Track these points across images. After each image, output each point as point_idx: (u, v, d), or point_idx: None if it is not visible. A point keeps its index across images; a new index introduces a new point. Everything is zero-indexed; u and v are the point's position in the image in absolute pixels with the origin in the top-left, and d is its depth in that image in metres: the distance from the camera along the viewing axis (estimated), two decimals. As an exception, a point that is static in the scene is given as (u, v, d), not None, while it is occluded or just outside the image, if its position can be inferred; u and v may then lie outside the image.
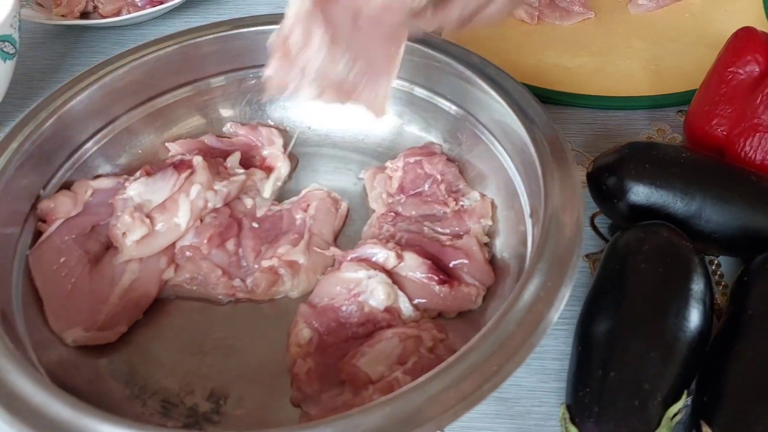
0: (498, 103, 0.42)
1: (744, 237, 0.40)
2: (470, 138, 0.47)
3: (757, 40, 0.45)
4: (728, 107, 0.45)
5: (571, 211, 0.36)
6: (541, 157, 0.38)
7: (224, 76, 0.49)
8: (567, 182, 0.37)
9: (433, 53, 0.46)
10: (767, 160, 0.43)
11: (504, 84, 0.43)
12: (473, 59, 0.45)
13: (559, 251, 0.34)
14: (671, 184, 0.41)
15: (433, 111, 0.48)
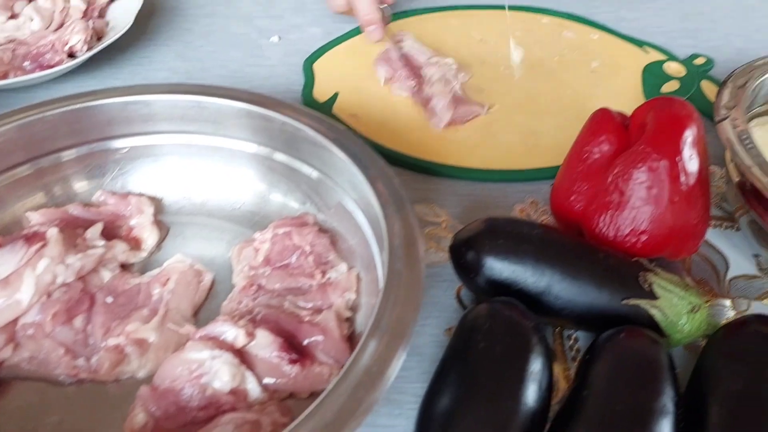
0: (354, 171, 0.43)
1: (592, 313, 0.41)
2: (336, 204, 0.47)
3: (611, 121, 0.47)
4: (585, 184, 0.47)
5: (413, 282, 0.36)
6: (390, 231, 0.38)
7: (80, 148, 0.49)
8: (410, 251, 0.38)
9: (288, 119, 0.46)
10: (619, 236, 0.44)
11: (355, 149, 0.44)
12: (326, 124, 0.46)
13: (393, 322, 0.34)
14: (523, 260, 0.42)
15: (296, 176, 0.48)
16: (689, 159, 0.43)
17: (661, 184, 0.43)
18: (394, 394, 0.41)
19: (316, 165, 0.47)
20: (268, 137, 0.47)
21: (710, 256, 0.51)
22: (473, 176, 0.56)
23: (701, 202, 0.45)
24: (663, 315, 0.41)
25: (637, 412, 0.34)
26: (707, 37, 0.75)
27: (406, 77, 0.63)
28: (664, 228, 0.44)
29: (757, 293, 0.48)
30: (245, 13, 0.73)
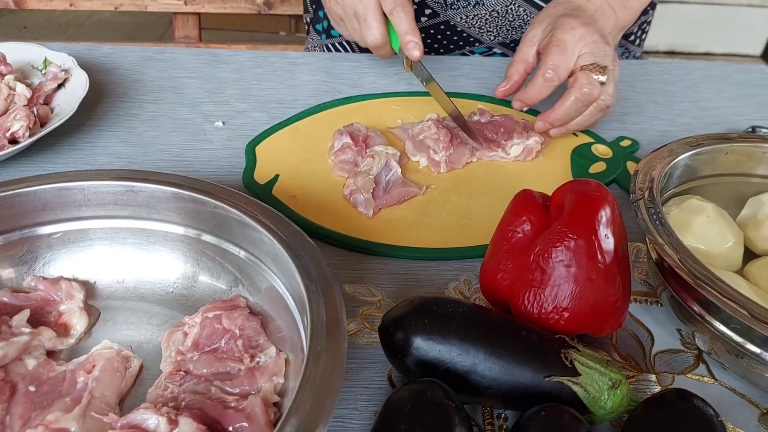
0: (280, 252, 0.44)
1: (517, 392, 0.42)
2: (267, 287, 0.47)
3: (532, 202, 0.50)
4: (510, 263, 0.48)
5: (332, 365, 0.36)
6: (313, 314, 0.39)
7: (10, 235, 0.49)
8: (333, 334, 0.38)
9: (218, 202, 0.47)
10: (543, 313, 0.46)
11: (284, 231, 0.45)
12: (256, 206, 0.47)
13: (309, 409, 0.34)
14: (449, 340, 0.42)
15: (227, 259, 0.49)
16: (604, 238, 0.46)
17: (579, 262, 0.45)
18: (320, 481, 0.40)
19: (246, 247, 0.48)
20: (197, 220, 0.48)
21: (636, 331, 0.52)
22: (409, 255, 0.58)
23: (620, 279, 0.47)
24: (585, 392, 0.42)
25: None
26: (634, 121, 0.80)
27: (345, 162, 0.65)
28: (585, 305, 0.45)
29: (681, 367, 0.50)
30: (192, 100, 0.76)
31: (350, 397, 0.46)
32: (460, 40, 0.92)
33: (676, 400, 0.40)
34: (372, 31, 0.71)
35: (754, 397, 0.47)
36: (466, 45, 0.93)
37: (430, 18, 0.90)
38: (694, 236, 0.53)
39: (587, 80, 0.66)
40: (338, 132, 0.67)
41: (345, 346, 0.37)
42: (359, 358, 0.48)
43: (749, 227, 0.56)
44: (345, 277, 0.55)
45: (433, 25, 0.91)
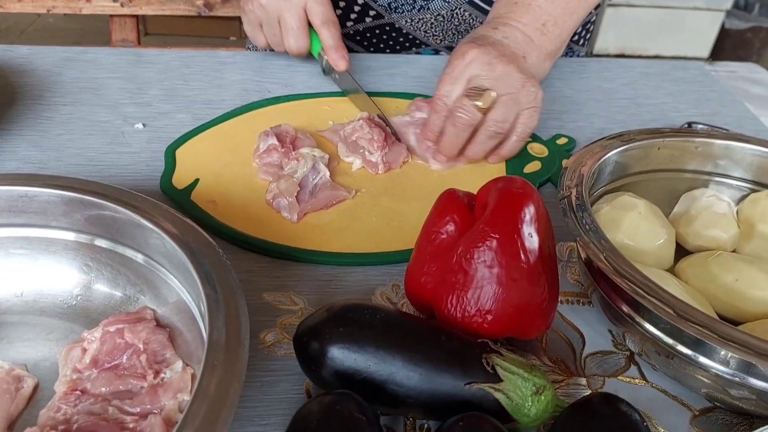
0: (183, 259, 0.41)
1: (436, 401, 0.40)
2: (176, 299, 0.44)
3: (456, 201, 0.47)
4: (433, 266, 0.46)
5: (230, 377, 0.33)
6: (212, 325, 0.36)
7: None
8: (232, 345, 0.35)
9: (105, 202, 0.44)
10: (466, 317, 0.44)
11: (187, 237, 0.42)
12: (149, 207, 0.44)
13: (204, 422, 0.31)
14: (365, 348, 0.40)
15: (132, 269, 0.46)
16: (528, 237, 0.44)
17: (501, 262, 0.43)
18: (225, 505, 0.37)
19: (144, 251, 0.45)
20: (90, 224, 0.45)
21: (567, 333, 0.51)
22: (334, 261, 0.55)
23: (546, 279, 0.45)
24: (508, 398, 0.40)
25: None
26: (571, 119, 0.79)
27: (270, 165, 0.62)
28: (509, 307, 0.43)
29: (612, 369, 0.48)
30: (112, 101, 0.72)
31: (264, 413, 0.43)
32: (407, 42, 0.90)
33: (601, 405, 0.38)
34: (298, 40, 0.74)
35: (686, 398, 0.46)
36: (413, 47, 0.91)
37: (374, 19, 0.88)
38: (624, 233, 0.51)
39: (461, 105, 0.62)
40: (264, 133, 0.64)
41: (245, 358, 0.35)
42: (276, 370, 0.46)
43: (681, 223, 0.56)
44: (265, 285, 0.52)
45: (379, 26, 0.89)
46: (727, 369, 0.41)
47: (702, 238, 0.54)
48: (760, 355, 0.37)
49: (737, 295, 0.47)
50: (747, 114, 0.83)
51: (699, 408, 0.45)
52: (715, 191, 0.58)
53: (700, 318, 0.39)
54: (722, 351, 0.40)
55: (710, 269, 0.49)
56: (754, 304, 0.47)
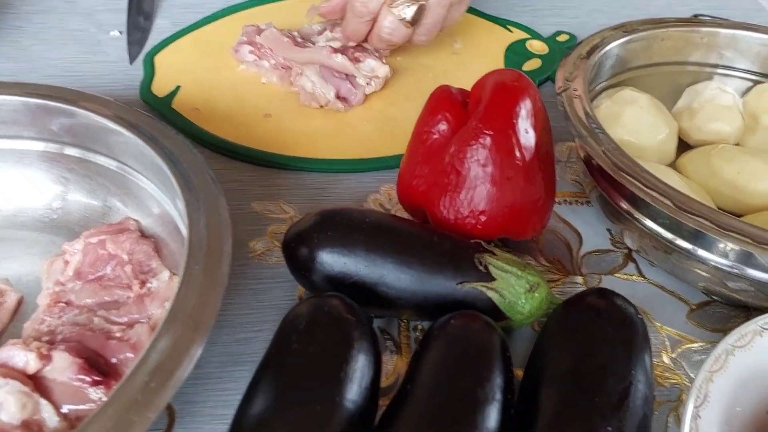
0: (162, 166, 0.39)
1: (429, 301, 0.39)
2: (159, 209, 0.43)
3: (449, 99, 0.45)
4: (425, 168, 0.44)
5: (211, 285, 0.32)
6: (192, 229, 0.35)
7: None
8: (214, 250, 0.34)
9: (74, 108, 0.42)
10: (459, 218, 0.42)
11: (164, 142, 0.40)
12: (136, 115, 0.42)
13: (186, 330, 0.30)
14: (354, 251, 0.39)
15: (111, 178, 0.44)
16: (524, 133, 0.42)
17: (495, 160, 0.41)
18: (219, 409, 0.37)
19: (126, 162, 0.43)
20: (66, 133, 0.43)
21: (564, 233, 0.50)
22: (324, 168, 0.53)
23: (542, 178, 0.43)
24: (501, 297, 0.39)
25: (460, 402, 0.32)
26: (573, 15, 0.75)
27: (277, 65, 0.59)
28: (503, 206, 0.42)
29: (610, 267, 0.47)
30: (85, 8, 0.68)
31: (257, 319, 0.42)
32: None
33: (595, 300, 0.37)
34: None
35: (683, 293, 0.45)
36: None
37: None
38: (624, 128, 0.49)
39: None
40: (239, 45, 0.61)
41: (227, 263, 0.34)
42: (267, 277, 0.45)
43: (684, 117, 0.53)
44: (254, 194, 0.50)
45: None
46: (726, 261, 0.40)
47: (705, 132, 0.52)
48: (760, 244, 0.36)
49: (739, 188, 0.46)
50: (755, 6, 0.78)
51: (696, 302, 0.45)
52: (719, 84, 0.55)
53: (698, 209, 0.38)
54: (721, 242, 0.39)
55: (712, 163, 0.47)
56: (757, 197, 0.45)
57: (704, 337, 0.43)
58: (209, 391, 0.38)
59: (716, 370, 0.35)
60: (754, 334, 0.37)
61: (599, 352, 0.34)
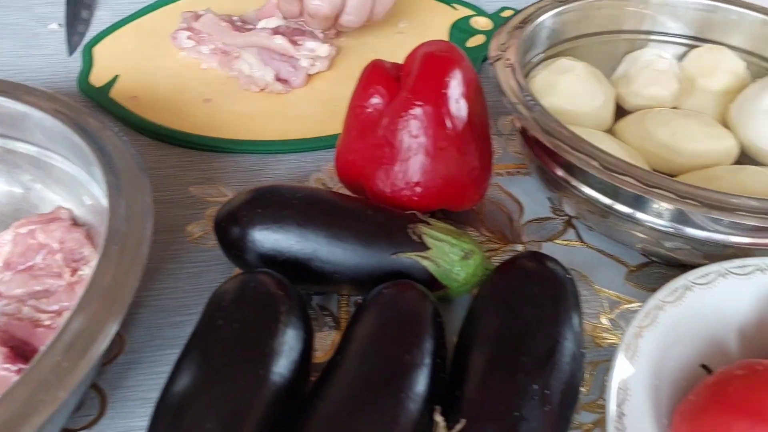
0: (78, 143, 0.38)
1: (364, 274, 0.39)
2: (91, 200, 0.42)
3: (381, 72, 0.45)
4: (361, 142, 0.44)
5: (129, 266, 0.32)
6: (112, 213, 0.34)
7: None
8: (133, 233, 0.33)
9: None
10: (395, 191, 0.42)
11: (89, 128, 0.39)
12: (60, 103, 0.41)
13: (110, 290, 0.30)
14: (285, 227, 0.38)
15: (20, 159, 0.43)
16: (455, 103, 0.41)
17: (427, 131, 0.41)
18: (152, 392, 0.37)
19: (48, 147, 0.42)
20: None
21: (506, 204, 0.50)
22: (265, 149, 0.53)
23: (476, 148, 0.43)
24: (436, 265, 0.39)
25: (387, 369, 0.31)
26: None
27: (216, 50, 0.59)
28: (438, 177, 0.42)
29: (549, 234, 0.47)
30: (23, 2, 0.67)
31: (192, 302, 0.42)
32: None
33: (524, 262, 0.37)
34: None
35: (622, 256, 0.46)
36: None
37: None
38: (560, 96, 0.49)
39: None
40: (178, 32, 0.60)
41: (146, 244, 0.33)
42: (204, 261, 0.44)
43: (621, 84, 0.53)
44: (192, 179, 0.50)
45: None
46: (661, 221, 0.40)
47: (642, 97, 0.52)
48: (684, 199, 0.36)
49: (674, 150, 0.46)
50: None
51: (635, 264, 0.45)
52: (657, 50, 0.55)
53: (626, 169, 0.38)
54: (655, 203, 0.39)
55: (647, 126, 0.48)
56: (691, 157, 0.46)
57: (642, 297, 0.43)
58: (142, 375, 0.38)
59: (646, 325, 0.35)
60: (684, 290, 0.37)
61: (526, 312, 0.34)
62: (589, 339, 0.41)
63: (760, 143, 0.47)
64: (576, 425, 0.36)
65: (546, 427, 0.30)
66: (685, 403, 0.31)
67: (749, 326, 0.37)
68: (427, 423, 0.31)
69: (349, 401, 0.30)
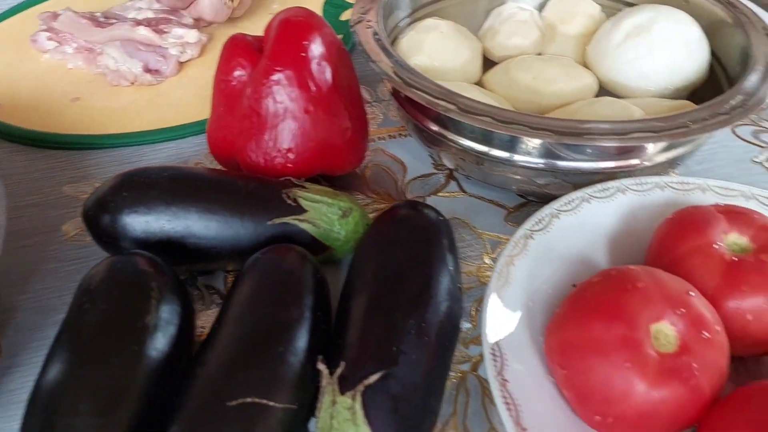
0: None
1: (243, 245, 0.38)
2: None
3: (242, 45, 0.44)
4: (229, 117, 0.44)
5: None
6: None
7: None
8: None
9: None
10: (269, 161, 0.42)
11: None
12: None
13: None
14: (154, 208, 0.38)
15: None
16: (316, 66, 0.42)
17: (291, 96, 0.41)
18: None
19: None
20: None
21: (389, 165, 0.50)
22: (139, 140, 0.51)
23: (347, 110, 0.43)
24: (314, 227, 0.39)
25: (265, 327, 0.31)
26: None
27: (79, 48, 0.56)
28: (309, 141, 0.42)
29: (432, 188, 0.49)
30: None
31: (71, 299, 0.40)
32: None
33: (398, 211, 0.38)
34: None
35: (501, 200, 0.47)
36: None
37: None
38: (426, 54, 0.50)
39: None
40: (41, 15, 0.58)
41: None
42: (82, 257, 0.43)
43: (487, 38, 0.55)
44: (66, 179, 0.48)
45: None
46: (532, 158, 0.42)
47: (506, 48, 0.54)
48: (546, 132, 0.38)
49: (536, 92, 0.48)
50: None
51: (512, 205, 0.47)
52: (518, 2, 0.57)
53: (483, 109, 0.39)
54: (522, 142, 0.41)
55: (510, 73, 0.49)
56: (552, 98, 0.48)
57: (522, 234, 0.45)
58: (23, 377, 0.36)
59: (516, 254, 0.37)
60: (551, 218, 0.39)
61: (400, 255, 0.35)
62: (474, 278, 0.42)
63: (615, 77, 0.49)
64: (465, 358, 0.37)
65: (426, 358, 0.31)
66: (553, 317, 0.33)
67: (615, 242, 0.39)
68: (313, 375, 0.31)
69: (228, 363, 0.30)
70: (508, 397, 0.30)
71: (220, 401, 0.28)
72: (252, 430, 0.28)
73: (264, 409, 0.29)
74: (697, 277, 0.33)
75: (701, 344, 0.30)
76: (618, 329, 0.29)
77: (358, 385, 0.29)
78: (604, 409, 0.30)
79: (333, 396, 0.30)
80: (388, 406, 0.29)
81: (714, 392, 0.29)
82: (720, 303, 0.32)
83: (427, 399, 0.31)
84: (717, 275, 0.33)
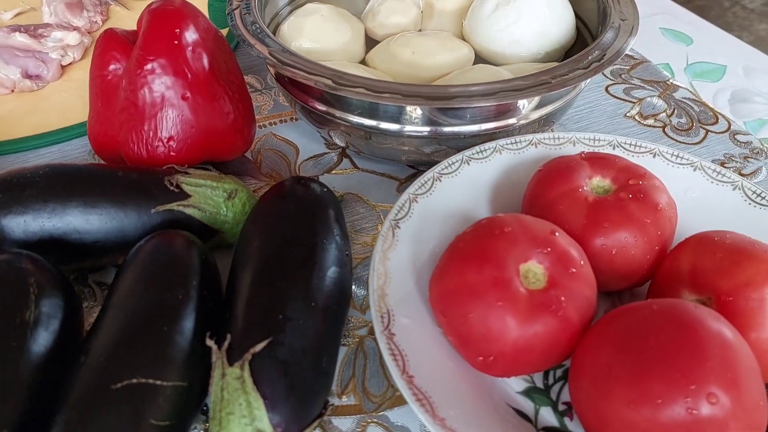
0: None
1: (128, 236, 0.38)
2: None
3: (114, 38, 0.44)
4: (108, 111, 0.43)
5: None
6: None
7: None
8: None
9: None
10: (151, 151, 0.41)
11: None
12: None
13: None
14: (30, 207, 0.37)
15: None
16: (191, 53, 0.42)
17: (166, 84, 0.41)
18: None
19: None
20: None
21: (282, 149, 0.51)
22: (21, 147, 0.50)
23: (227, 94, 0.43)
24: (200, 211, 0.39)
25: (147, 312, 0.31)
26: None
27: None
28: (189, 127, 0.42)
29: (326, 167, 0.49)
30: None
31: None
32: None
33: (282, 187, 0.39)
34: None
35: (393, 173, 0.49)
36: None
37: None
38: (307, 38, 0.51)
39: None
40: None
41: None
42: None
43: (368, 19, 0.56)
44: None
45: None
46: (417, 127, 0.43)
47: (386, 27, 0.55)
48: (407, 98, 0.39)
49: (415, 66, 0.49)
50: None
51: (404, 176, 0.48)
52: (397, -17, 0.59)
53: (357, 81, 0.40)
54: (406, 114, 0.42)
55: (391, 50, 0.51)
56: (430, 70, 0.49)
57: (414, 203, 0.46)
58: None
59: (401, 218, 0.38)
60: (433, 181, 0.41)
61: (284, 227, 0.35)
62: (370, 249, 0.43)
63: (489, 46, 0.51)
64: (362, 323, 0.38)
65: (314, 322, 0.32)
66: (434, 270, 0.34)
67: (495, 198, 0.41)
68: (205, 352, 0.31)
69: (111, 347, 0.30)
70: (394, 348, 0.32)
71: (104, 385, 0.28)
72: (140, 410, 0.28)
73: (151, 389, 0.29)
74: (566, 220, 0.35)
75: (568, 278, 0.31)
76: (489, 271, 0.31)
77: (245, 355, 0.30)
78: (484, 348, 0.31)
79: (222, 369, 0.30)
80: (276, 372, 0.30)
81: (584, 322, 0.32)
82: (587, 241, 0.35)
83: (317, 362, 0.31)
84: (582, 216, 0.35)
